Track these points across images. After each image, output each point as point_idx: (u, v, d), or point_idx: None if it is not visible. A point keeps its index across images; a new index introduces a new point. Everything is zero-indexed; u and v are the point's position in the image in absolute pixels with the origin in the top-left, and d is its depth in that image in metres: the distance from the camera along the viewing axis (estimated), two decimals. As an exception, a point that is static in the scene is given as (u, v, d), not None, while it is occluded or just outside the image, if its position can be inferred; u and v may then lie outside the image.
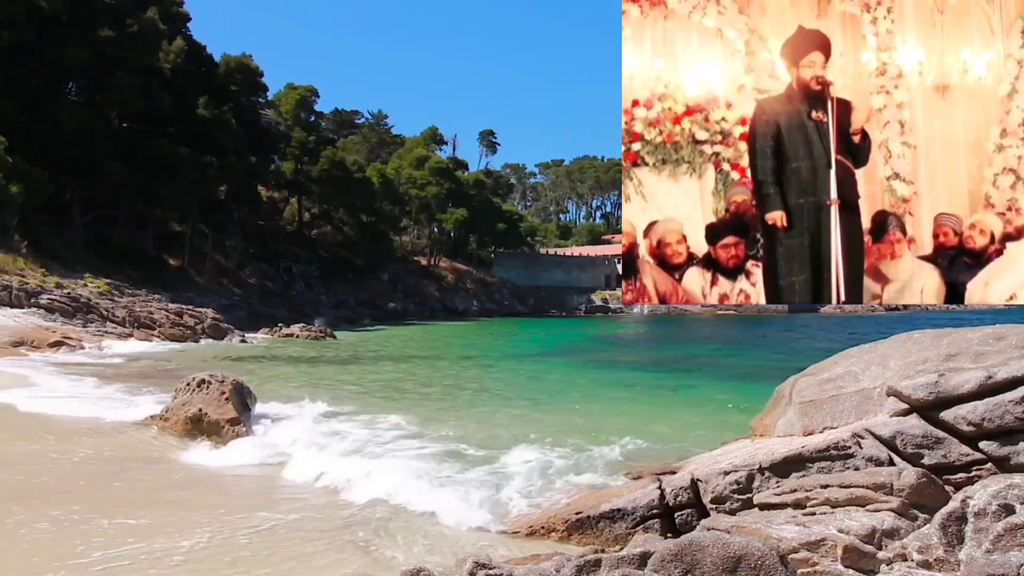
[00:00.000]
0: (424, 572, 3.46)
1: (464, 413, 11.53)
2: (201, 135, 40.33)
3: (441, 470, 7.43)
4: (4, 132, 29.36)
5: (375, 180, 57.90)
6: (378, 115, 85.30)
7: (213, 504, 6.27)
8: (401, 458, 7.98)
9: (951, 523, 3.85)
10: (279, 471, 7.61)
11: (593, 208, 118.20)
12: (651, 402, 13.31)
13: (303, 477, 7.31)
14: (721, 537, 3.37)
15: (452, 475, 7.24)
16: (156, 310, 27.06)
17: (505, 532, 5.75)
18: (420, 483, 6.81)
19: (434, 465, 7.64)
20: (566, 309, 69.42)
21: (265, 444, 8.67)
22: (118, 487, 6.76)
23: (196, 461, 7.99)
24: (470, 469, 7.52)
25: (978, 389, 4.88)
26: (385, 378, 16.69)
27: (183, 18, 44.84)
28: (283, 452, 8.24)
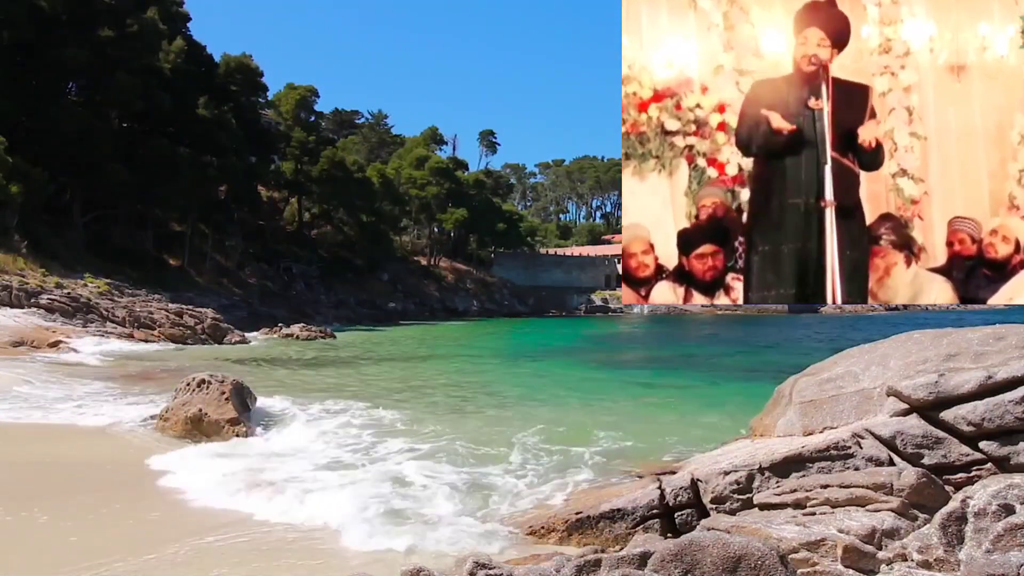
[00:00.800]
0: (424, 572, 3.46)
1: (463, 413, 11.52)
2: (201, 135, 40.35)
3: (437, 469, 7.43)
4: (4, 132, 29.36)
5: (375, 180, 57.93)
6: (378, 115, 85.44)
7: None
8: (399, 458, 7.97)
9: (951, 523, 3.85)
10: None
11: (593, 208, 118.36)
12: (651, 402, 13.30)
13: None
14: (721, 537, 3.37)
15: (443, 475, 7.24)
16: (156, 310, 27.05)
17: (505, 532, 5.74)
18: (410, 488, 6.80)
19: (431, 464, 7.64)
20: (566, 309, 69.44)
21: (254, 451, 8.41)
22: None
23: (164, 468, 7.49)
24: (466, 469, 7.52)
25: (978, 389, 4.88)
26: (385, 378, 16.68)
27: (183, 18, 44.85)
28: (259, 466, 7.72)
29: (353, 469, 7.46)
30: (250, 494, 6.51)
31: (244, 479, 6.99)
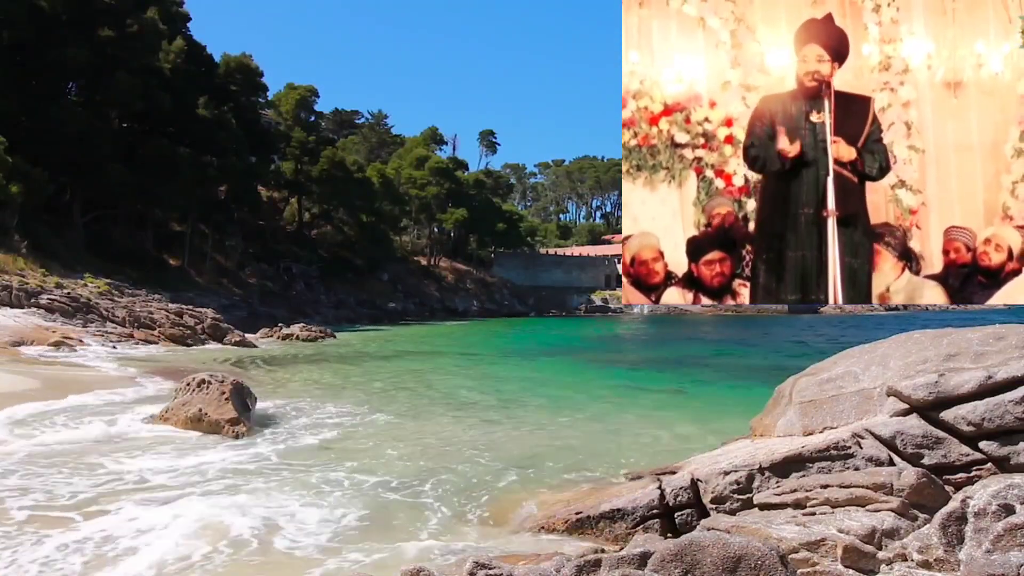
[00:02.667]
0: (424, 572, 3.46)
1: (462, 412, 11.52)
2: (201, 135, 40.33)
3: (437, 469, 7.43)
4: (4, 132, 29.34)
5: (375, 180, 57.92)
6: (378, 115, 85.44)
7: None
8: (395, 460, 7.98)
9: (951, 523, 3.85)
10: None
11: (593, 208, 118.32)
12: (651, 402, 13.30)
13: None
14: (721, 537, 3.36)
15: (444, 475, 7.24)
16: (156, 310, 27.02)
17: (504, 531, 5.74)
18: (398, 493, 6.79)
19: (429, 463, 7.64)
20: (566, 309, 69.43)
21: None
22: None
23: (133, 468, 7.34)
24: (464, 469, 7.52)
25: (978, 389, 4.88)
26: (384, 378, 16.68)
27: (183, 18, 44.83)
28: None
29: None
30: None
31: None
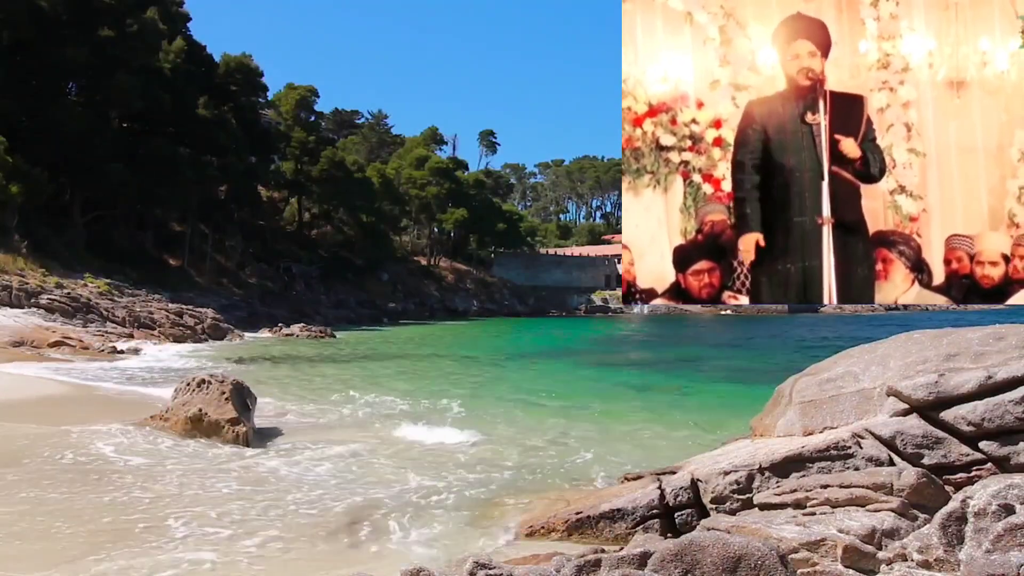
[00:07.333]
0: (424, 572, 3.46)
1: (461, 412, 11.52)
2: (201, 135, 40.33)
3: (434, 469, 7.43)
4: (4, 132, 29.34)
5: (375, 180, 57.92)
6: (378, 115, 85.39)
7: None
8: (395, 460, 7.98)
9: (951, 523, 3.84)
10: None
11: (593, 208, 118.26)
12: (651, 402, 13.30)
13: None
14: (721, 537, 3.36)
15: (443, 475, 7.24)
16: (156, 310, 27.05)
17: (505, 531, 5.74)
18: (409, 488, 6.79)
19: (428, 464, 7.63)
20: (566, 309, 69.40)
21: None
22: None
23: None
24: (463, 469, 7.52)
25: (978, 389, 4.88)
26: (385, 378, 16.69)
27: (183, 18, 44.84)
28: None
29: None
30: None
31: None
